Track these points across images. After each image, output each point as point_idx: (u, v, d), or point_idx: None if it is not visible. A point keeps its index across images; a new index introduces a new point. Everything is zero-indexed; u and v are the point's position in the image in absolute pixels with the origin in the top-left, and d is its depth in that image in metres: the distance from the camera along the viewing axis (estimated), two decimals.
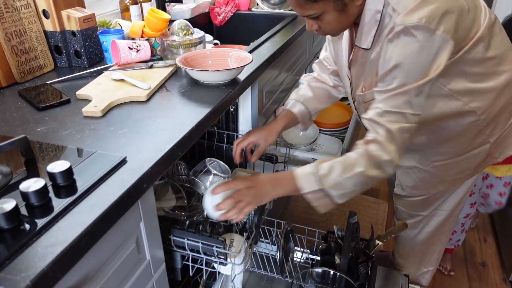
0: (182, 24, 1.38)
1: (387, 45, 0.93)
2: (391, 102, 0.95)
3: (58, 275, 0.60)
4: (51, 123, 0.99)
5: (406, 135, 0.97)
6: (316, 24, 1.01)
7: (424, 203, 1.40)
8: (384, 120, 0.96)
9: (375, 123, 0.98)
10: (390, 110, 0.96)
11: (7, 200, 0.64)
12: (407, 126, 0.96)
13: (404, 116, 0.95)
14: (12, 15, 1.20)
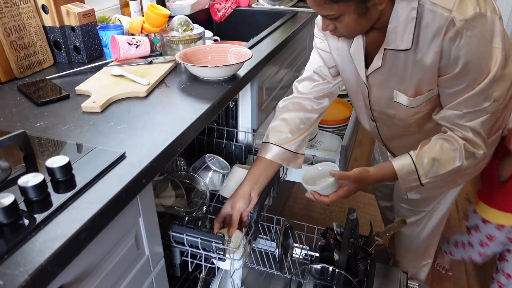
0: (182, 20, 1.38)
1: (449, 45, 0.89)
2: (470, 103, 0.96)
3: (56, 270, 0.60)
4: (50, 118, 0.99)
5: (487, 124, 1.00)
6: (332, 24, 0.96)
7: (427, 199, 1.40)
8: (465, 121, 0.98)
9: (458, 125, 1.00)
10: (470, 111, 0.97)
11: (5, 195, 0.64)
12: (487, 117, 0.99)
13: (484, 110, 0.98)
14: (11, 10, 1.19)
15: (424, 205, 1.42)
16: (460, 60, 0.90)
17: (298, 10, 2.15)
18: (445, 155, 1.00)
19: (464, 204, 2.39)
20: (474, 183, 2.56)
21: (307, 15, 2.07)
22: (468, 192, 2.49)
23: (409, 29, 0.92)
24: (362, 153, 2.87)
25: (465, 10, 0.86)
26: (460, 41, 0.88)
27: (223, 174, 1.31)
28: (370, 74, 1.08)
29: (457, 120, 0.99)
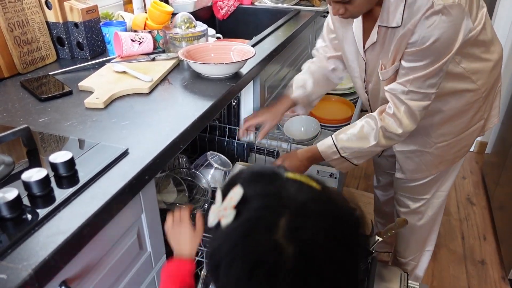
0: (185, 17, 1.38)
1: (423, 22, 0.96)
2: (417, 83, 1.04)
3: (59, 265, 0.60)
4: (53, 114, 0.99)
5: (424, 111, 1.09)
6: (343, 8, 1.02)
7: (426, 186, 1.42)
8: (407, 98, 1.06)
9: (398, 99, 1.08)
10: (415, 91, 1.05)
11: (9, 190, 0.64)
12: (427, 104, 1.07)
13: (427, 95, 1.06)
14: (14, 5, 1.19)
15: (424, 192, 1.44)
16: (429, 38, 0.97)
17: (301, 8, 2.15)
18: (361, 134, 1.15)
19: (465, 205, 2.39)
20: (476, 184, 2.56)
21: (310, 14, 2.07)
22: (470, 193, 2.49)
23: (400, 8, 0.99)
24: None
25: None
26: (434, 22, 0.95)
27: (225, 171, 1.31)
28: (367, 49, 1.16)
29: (400, 95, 1.07)
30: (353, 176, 2.61)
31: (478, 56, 1.14)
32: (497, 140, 2.47)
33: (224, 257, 0.51)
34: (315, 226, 0.50)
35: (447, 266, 1.97)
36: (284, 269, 0.47)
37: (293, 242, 0.48)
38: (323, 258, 0.49)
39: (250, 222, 0.51)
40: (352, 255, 0.52)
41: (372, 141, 1.13)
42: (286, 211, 0.50)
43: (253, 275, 0.48)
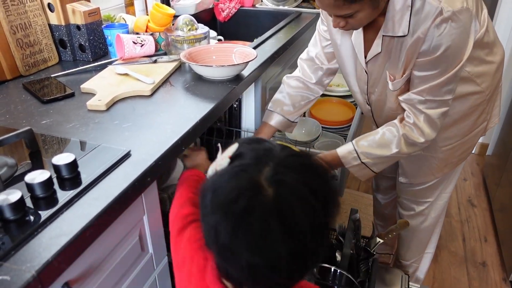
0: (187, 20, 1.39)
1: (433, 31, 0.95)
2: (434, 92, 1.03)
3: (62, 266, 0.61)
4: (55, 116, 0.99)
5: (443, 117, 1.09)
6: (344, 21, 1.01)
7: (430, 189, 1.42)
8: (425, 107, 1.06)
9: (416, 109, 1.07)
10: (432, 99, 1.04)
11: (12, 191, 0.65)
12: (445, 110, 1.07)
13: (445, 102, 1.06)
14: (17, 8, 1.20)
15: (428, 195, 1.44)
16: (440, 47, 0.96)
17: (302, 11, 2.16)
18: (383, 141, 1.13)
19: (466, 207, 2.39)
20: (477, 186, 2.56)
21: (311, 16, 2.07)
22: (471, 195, 2.49)
23: (406, 17, 0.98)
24: None
25: (454, 3, 0.93)
26: (444, 29, 0.94)
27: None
28: (370, 60, 1.14)
29: (418, 105, 1.06)
30: (354, 178, 2.61)
31: (483, 59, 1.13)
32: (498, 142, 2.47)
33: (213, 188, 0.59)
34: (293, 176, 0.57)
35: (448, 268, 1.97)
36: (261, 204, 0.54)
37: (273, 185, 0.56)
38: (297, 201, 0.56)
39: (239, 167, 0.60)
40: (323, 207, 0.58)
41: (394, 148, 1.11)
42: (271, 163, 0.59)
43: (235, 204, 0.55)
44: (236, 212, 0.55)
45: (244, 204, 0.54)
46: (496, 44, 1.18)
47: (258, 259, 0.55)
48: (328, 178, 0.63)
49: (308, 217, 0.56)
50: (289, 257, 0.55)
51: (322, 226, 0.59)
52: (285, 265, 0.55)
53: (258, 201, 0.55)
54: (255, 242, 0.55)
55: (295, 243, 0.55)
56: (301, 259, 0.57)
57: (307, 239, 0.56)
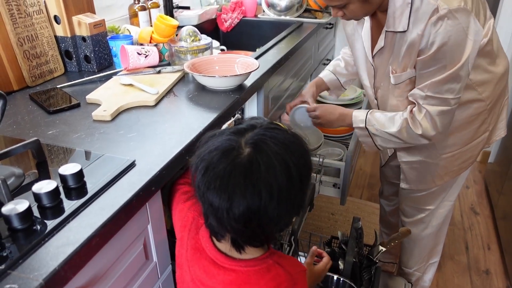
0: (190, 30, 1.41)
1: (431, 28, 1.00)
2: (434, 89, 1.07)
3: (69, 275, 0.62)
4: (61, 126, 1.01)
5: (445, 117, 1.11)
6: (341, 11, 1.10)
7: (431, 196, 1.43)
8: (425, 103, 1.10)
9: (418, 104, 1.12)
10: (432, 96, 1.08)
11: (20, 201, 0.66)
12: (446, 109, 1.09)
13: (445, 100, 1.08)
14: (24, 21, 1.22)
15: (429, 202, 1.45)
16: (435, 44, 1.00)
17: (303, 21, 2.18)
18: (391, 118, 1.19)
19: (469, 214, 2.39)
20: (479, 194, 2.56)
21: (313, 26, 2.09)
22: (473, 203, 2.49)
23: (406, 13, 1.03)
24: (367, 162, 2.88)
25: (451, 2, 0.97)
26: (440, 27, 0.98)
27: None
28: (376, 55, 1.20)
29: (419, 100, 1.11)
30: (356, 186, 2.62)
31: (485, 68, 1.15)
32: (500, 150, 2.47)
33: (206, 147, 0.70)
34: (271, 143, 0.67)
35: (452, 276, 1.97)
36: (234, 158, 0.65)
37: (250, 146, 0.66)
38: (267, 165, 0.64)
39: (230, 130, 0.71)
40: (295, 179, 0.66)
41: (396, 127, 1.17)
42: (256, 130, 0.69)
43: (222, 157, 0.66)
44: (214, 161, 0.66)
45: (219, 155, 0.66)
46: (499, 56, 1.19)
47: (217, 199, 0.65)
48: (306, 156, 0.70)
49: (276, 180, 0.64)
50: (246, 210, 0.64)
51: (287, 196, 0.66)
52: (241, 215, 0.65)
53: (232, 155, 0.65)
54: (219, 184, 0.65)
55: (253, 199, 0.64)
56: (256, 217, 0.65)
57: (267, 201, 0.64)
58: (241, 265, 0.74)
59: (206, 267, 0.77)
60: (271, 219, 0.67)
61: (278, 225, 0.70)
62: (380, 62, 1.21)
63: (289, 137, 0.70)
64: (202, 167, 0.67)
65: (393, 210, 1.78)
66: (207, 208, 0.69)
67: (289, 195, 0.66)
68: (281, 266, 0.75)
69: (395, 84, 1.18)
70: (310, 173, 0.71)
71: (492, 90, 1.20)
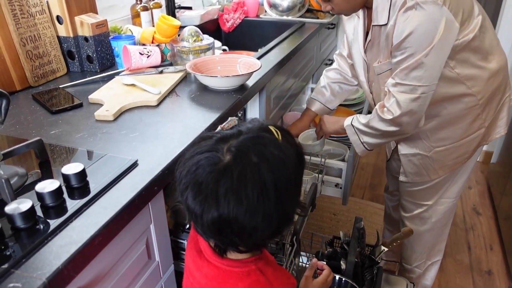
0: (192, 31, 1.41)
1: (400, 18, 1.06)
2: (402, 76, 1.12)
3: (72, 274, 0.62)
4: (64, 126, 1.01)
5: (413, 104, 1.14)
6: (329, 5, 1.18)
7: (428, 191, 1.44)
8: (394, 90, 1.15)
9: (389, 92, 1.18)
10: (400, 83, 1.13)
11: (23, 201, 0.67)
12: (414, 97, 1.13)
13: (414, 88, 1.12)
14: (27, 21, 1.23)
15: (426, 198, 1.46)
16: (404, 32, 1.06)
17: (305, 21, 2.18)
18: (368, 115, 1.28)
19: (471, 215, 2.39)
20: (481, 194, 2.56)
21: (315, 26, 2.09)
22: (476, 203, 2.48)
23: (386, 8, 1.11)
24: (368, 162, 2.88)
25: None
26: (407, 17, 1.05)
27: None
28: (367, 49, 1.27)
29: (390, 87, 1.17)
30: (358, 186, 2.62)
31: (474, 63, 1.18)
32: (502, 150, 2.47)
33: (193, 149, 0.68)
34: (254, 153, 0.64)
35: (454, 277, 1.97)
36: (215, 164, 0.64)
37: (231, 153, 0.64)
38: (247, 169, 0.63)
39: (219, 134, 0.69)
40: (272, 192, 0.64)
41: (371, 116, 1.26)
42: (241, 136, 0.67)
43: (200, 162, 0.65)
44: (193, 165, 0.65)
45: (200, 160, 0.65)
46: (493, 52, 1.21)
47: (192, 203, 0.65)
48: (289, 172, 0.67)
49: (245, 193, 0.62)
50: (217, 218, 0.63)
51: (260, 209, 0.63)
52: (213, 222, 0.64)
53: (212, 161, 0.64)
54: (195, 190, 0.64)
55: (223, 208, 0.62)
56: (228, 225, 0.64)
57: (237, 211, 0.62)
58: (224, 263, 0.74)
59: (194, 257, 0.78)
60: (244, 229, 0.64)
61: (255, 236, 0.66)
62: (371, 56, 1.27)
63: (275, 148, 0.66)
64: (184, 169, 0.67)
65: (395, 206, 1.79)
66: (186, 208, 0.68)
67: (263, 209, 0.63)
68: (263, 274, 0.73)
69: (377, 74, 1.25)
70: (290, 189, 0.68)
71: (483, 85, 1.21)
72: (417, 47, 1.06)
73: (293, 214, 0.72)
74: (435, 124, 1.28)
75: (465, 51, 1.14)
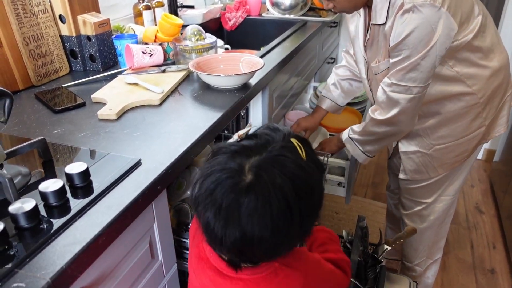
0: (195, 29, 1.41)
1: (398, 20, 1.07)
2: (397, 77, 1.13)
3: (76, 273, 0.62)
4: (67, 125, 1.01)
5: (408, 104, 1.16)
6: (331, 3, 1.18)
7: (427, 189, 1.44)
8: (389, 90, 1.17)
9: (382, 90, 1.19)
10: (396, 83, 1.14)
11: (26, 200, 0.67)
12: (409, 97, 1.14)
13: (409, 89, 1.13)
14: (30, 20, 1.23)
15: (425, 195, 1.46)
16: (402, 34, 1.06)
17: (308, 19, 2.18)
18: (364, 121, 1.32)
19: (474, 213, 2.38)
20: (484, 193, 2.55)
21: (317, 24, 2.09)
22: (478, 201, 2.48)
23: (385, 7, 1.11)
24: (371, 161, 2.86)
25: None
26: (405, 19, 1.05)
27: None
28: (366, 47, 1.28)
29: (385, 87, 1.18)
30: (360, 185, 2.61)
31: (474, 62, 1.17)
32: (505, 148, 2.46)
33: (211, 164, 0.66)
34: (276, 174, 0.62)
35: (457, 275, 1.96)
36: (242, 184, 0.61)
37: (253, 173, 0.62)
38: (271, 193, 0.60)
39: (239, 147, 0.66)
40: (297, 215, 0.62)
41: (368, 119, 1.28)
42: (264, 153, 0.64)
43: (223, 182, 0.62)
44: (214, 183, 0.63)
45: (221, 178, 0.62)
46: (493, 51, 1.21)
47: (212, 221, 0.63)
48: (313, 193, 0.65)
49: (271, 216, 0.60)
50: (239, 239, 0.62)
51: (284, 230, 0.63)
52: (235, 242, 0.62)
53: (234, 181, 0.62)
54: (217, 210, 0.62)
55: (247, 229, 0.61)
56: (251, 244, 0.62)
57: (262, 232, 0.61)
58: (247, 273, 0.71)
59: (212, 277, 0.75)
60: (267, 249, 0.64)
61: (276, 252, 0.67)
62: (370, 54, 1.28)
63: (300, 168, 0.64)
64: (202, 188, 0.64)
65: (397, 204, 1.79)
66: (204, 227, 0.66)
67: (287, 230, 0.63)
68: (289, 266, 0.73)
69: (375, 74, 1.25)
70: (314, 211, 0.67)
71: (484, 83, 1.21)
72: (413, 49, 1.07)
73: (312, 227, 0.71)
74: (436, 122, 1.27)
75: (465, 50, 1.14)
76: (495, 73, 1.22)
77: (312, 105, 2.16)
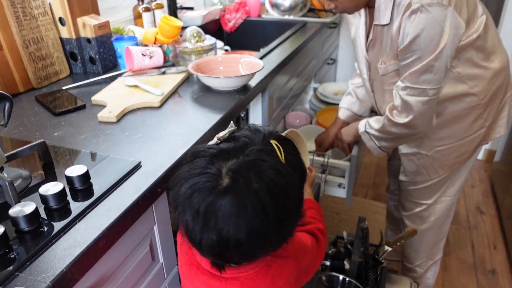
0: (194, 31, 1.41)
1: (406, 21, 1.06)
2: (411, 79, 1.12)
3: (76, 276, 0.62)
4: (67, 128, 1.01)
5: (425, 107, 1.15)
6: (332, 3, 1.18)
7: (427, 191, 1.44)
8: (404, 93, 1.16)
9: (397, 94, 1.18)
10: (411, 86, 1.14)
11: (27, 203, 0.67)
12: (425, 99, 1.14)
13: (423, 91, 1.13)
14: (30, 23, 1.23)
15: (426, 197, 1.46)
16: (409, 36, 1.06)
17: (307, 20, 2.18)
18: (380, 117, 1.31)
19: (474, 214, 2.38)
20: (484, 193, 2.55)
21: (317, 25, 2.09)
22: (479, 202, 2.47)
23: (389, 7, 1.10)
24: (371, 161, 2.87)
25: None
26: (413, 20, 1.04)
27: None
28: (368, 48, 1.27)
29: (399, 91, 1.17)
30: (361, 185, 2.61)
31: (476, 63, 1.17)
32: (505, 149, 2.46)
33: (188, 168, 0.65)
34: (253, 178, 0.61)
35: (457, 276, 1.96)
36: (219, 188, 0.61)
37: (230, 177, 0.61)
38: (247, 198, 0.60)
39: (216, 150, 0.65)
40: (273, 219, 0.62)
41: (382, 123, 1.27)
42: (241, 156, 0.64)
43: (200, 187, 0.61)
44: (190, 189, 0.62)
45: (198, 184, 0.62)
46: (495, 52, 1.21)
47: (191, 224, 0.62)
48: (290, 198, 0.65)
49: (246, 221, 0.60)
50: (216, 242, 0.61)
51: (261, 235, 0.62)
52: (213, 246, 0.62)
53: (210, 186, 0.61)
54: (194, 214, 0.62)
55: (223, 233, 0.60)
56: (228, 247, 0.62)
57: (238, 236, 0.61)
58: (241, 271, 0.71)
59: (206, 281, 0.74)
60: (244, 252, 0.64)
61: (255, 254, 0.67)
62: (373, 55, 1.27)
63: (276, 172, 0.63)
64: (179, 192, 0.64)
65: (397, 205, 1.79)
66: (184, 229, 0.65)
67: (264, 234, 0.62)
68: (278, 257, 0.73)
69: (382, 75, 1.24)
70: (291, 215, 0.67)
71: (485, 85, 1.21)
72: (424, 50, 1.06)
73: (294, 230, 0.70)
74: (437, 123, 1.27)
75: (468, 50, 1.14)
76: (496, 75, 1.22)
77: (312, 106, 2.16)
